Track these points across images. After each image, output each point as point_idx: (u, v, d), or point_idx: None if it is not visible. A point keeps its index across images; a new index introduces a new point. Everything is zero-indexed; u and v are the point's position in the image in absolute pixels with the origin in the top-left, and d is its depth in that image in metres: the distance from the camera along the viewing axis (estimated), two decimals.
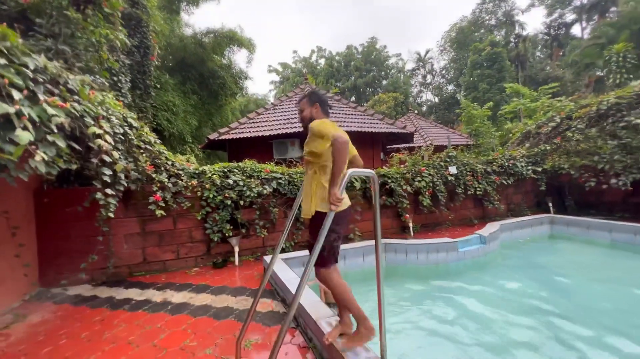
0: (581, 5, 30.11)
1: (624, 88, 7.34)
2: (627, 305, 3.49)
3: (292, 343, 2.50)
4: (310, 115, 2.16)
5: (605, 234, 5.60)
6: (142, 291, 3.75)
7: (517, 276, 4.51)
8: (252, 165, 5.10)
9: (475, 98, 26.12)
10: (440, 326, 3.13)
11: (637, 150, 6.23)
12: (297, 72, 35.85)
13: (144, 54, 8.57)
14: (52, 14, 4.27)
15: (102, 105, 3.31)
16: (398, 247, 4.72)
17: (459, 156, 6.92)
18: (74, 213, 3.91)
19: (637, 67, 14.20)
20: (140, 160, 4.05)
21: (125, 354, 2.40)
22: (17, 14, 4.24)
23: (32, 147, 1.92)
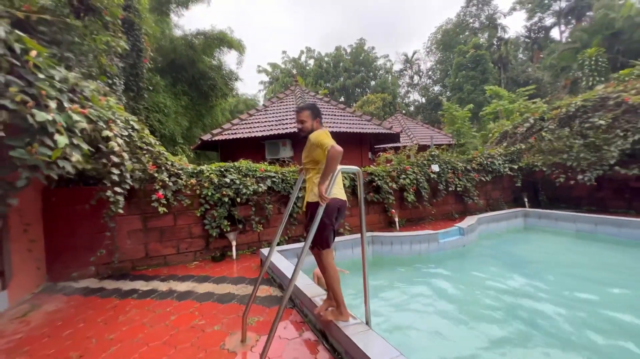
0: (559, 10, 31.48)
1: (590, 92, 7.98)
2: (583, 283, 3.99)
3: (289, 320, 2.86)
4: (311, 127, 2.49)
5: (571, 225, 6.17)
6: (147, 283, 4.02)
7: (491, 263, 4.98)
8: (248, 165, 5.42)
9: (460, 99, 26.99)
10: (419, 305, 3.55)
11: (601, 149, 6.83)
12: (286, 73, 36.04)
13: (136, 56, 8.72)
14: (53, 21, 4.48)
15: (109, 109, 3.57)
16: (384, 239, 5.12)
17: (441, 155, 7.39)
18: (80, 211, 4.16)
19: (608, 70, 15.11)
20: (142, 161, 4.31)
21: (142, 333, 2.70)
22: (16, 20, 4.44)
23: (67, 150, 2.21)
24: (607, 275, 4.25)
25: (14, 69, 1.99)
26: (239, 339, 2.51)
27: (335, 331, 2.24)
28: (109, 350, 2.43)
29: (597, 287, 3.86)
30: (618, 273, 4.27)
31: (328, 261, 2.38)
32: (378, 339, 2.02)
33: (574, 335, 2.87)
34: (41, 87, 2.04)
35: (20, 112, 1.94)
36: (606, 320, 3.09)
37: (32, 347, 2.54)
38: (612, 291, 3.74)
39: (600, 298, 3.54)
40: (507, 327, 3.08)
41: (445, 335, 2.95)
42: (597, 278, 4.13)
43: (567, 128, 7.68)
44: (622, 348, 2.65)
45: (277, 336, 2.56)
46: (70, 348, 2.49)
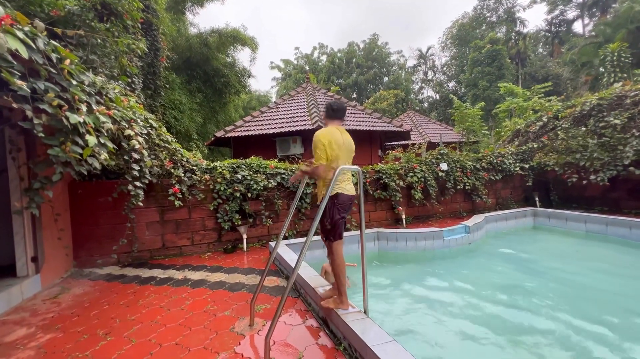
0: (583, 2, 30.21)
1: (606, 90, 7.78)
2: (589, 284, 4.02)
3: (294, 308, 3.06)
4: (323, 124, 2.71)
5: (581, 225, 6.12)
6: (164, 271, 4.31)
7: (496, 262, 5.04)
8: (258, 161, 5.64)
9: (475, 95, 26.47)
10: (418, 299, 3.68)
11: (615, 149, 6.70)
12: (298, 69, 36.18)
13: (154, 56, 9.06)
14: (78, 25, 4.78)
15: (130, 109, 3.84)
16: (389, 235, 5.26)
17: (450, 153, 7.41)
18: (103, 203, 4.49)
19: (631, 66, 14.54)
20: (160, 157, 4.59)
21: (160, 315, 2.96)
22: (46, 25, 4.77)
23: (96, 148, 2.46)
24: (614, 277, 4.25)
25: (51, 76, 2.23)
26: (247, 323, 2.72)
27: (335, 319, 2.42)
28: (131, 329, 2.70)
29: (603, 289, 3.88)
30: (626, 275, 4.26)
31: (337, 252, 2.55)
32: (374, 327, 2.19)
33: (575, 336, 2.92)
34: (74, 92, 2.29)
35: (56, 115, 2.19)
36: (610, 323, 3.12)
37: (64, 324, 2.84)
38: (618, 294, 3.75)
39: (606, 301, 3.56)
40: (505, 325, 3.17)
41: (441, 329, 3.08)
42: (604, 280, 4.14)
43: (582, 126, 7.54)
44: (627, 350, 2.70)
45: (282, 322, 2.76)
46: (98, 326, 2.77)
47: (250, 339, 2.48)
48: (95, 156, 2.65)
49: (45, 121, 2.15)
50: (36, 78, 2.12)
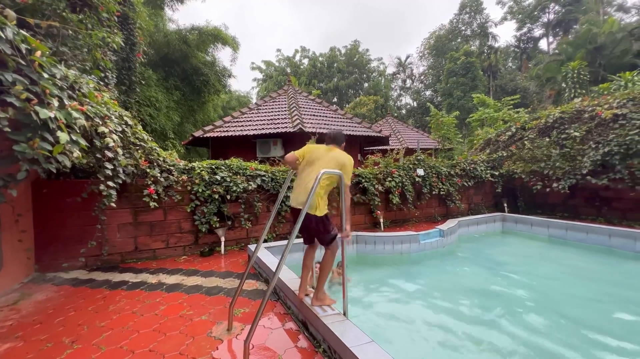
0: (548, 22, 32.51)
1: (567, 104, 8.42)
2: (549, 283, 4.30)
3: (274, 311, 3.04)
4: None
5: (544, 230, 6.54)
6: (136, 275, 4.13)
7: (468, 264, 5.27)
8: (238, 163, 5.56)
9: (450, 104, 27.61)
10: (396, 300, 3.78)
11: (575, 159, 7.25)
12: (280, 71, 36.07)
13: (129, 50, 8.72)
14: (48, 14, 4.53)
15: (105, 105, 3.68)
16: (367, 239, 5.35)
17: (427, 160, 7.68)
18: (71, 203, 4.24)
19: (589, 83, 15.79)
20: (135, 156, 4.41)
21: (132, 321, 2.84)
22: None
23: (68, 145, 2.33)
24: (573, 278, 4.58)
25: (20, 68, 2.10)
26: (225, 327, 2.68)
27: (315, 321, 2.44)
28: (100, 336, 2.57)
29: (563, 289, 4.17)
30: (582, 276, 4.61)
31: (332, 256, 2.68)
32: (353, 328, 2.23)
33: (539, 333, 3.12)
34: (45, 85, 2.17)
35: (24, 109, 2.07)
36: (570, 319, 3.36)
37: (25, 332, 2.65)
38: (575, 293, 4.05)
39: (565, 300, 3.83)
40: (478, 325, 3.33)
41: (418, 329, 3.19)
42: (564, 281, 4.45)
43: (547, 137, 8.08)
44: (583, 345, 2.92)
45: (261, 325, 2.74)
46: (63, 334, 2.61)
47: (229, 344, 2.44)
48: (66, 154, 2.52)
49: (12, 115, 2.03)
50: (3, 70, 1.99)
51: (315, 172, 2.49)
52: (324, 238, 2.61)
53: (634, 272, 4.68)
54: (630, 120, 6.50)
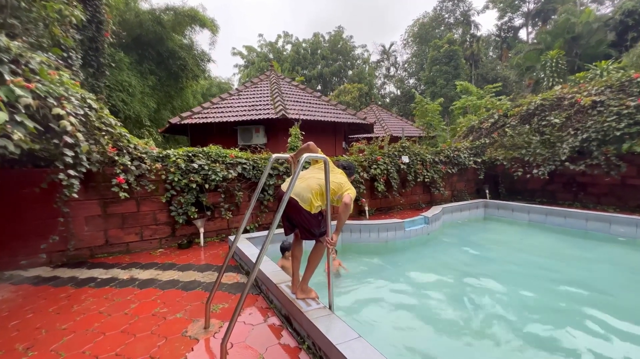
0: (528, 12, 32.96)
1: (548, 91, 8.52)
2: (529, 267, 4.36)
3: (255, 306, 2.87)
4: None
5: (524, 215, 6.67)
6: (107, 271, 3.84)
7: (453, 250, 5.29)
8: (217, 150, 5.25)
9: (433, 92, 27.75)
10: (382, 289, 3.70)
11: (554, 145, 7.37)
12: (262, 57, 34.95)
13: (96, 29, 8.02)
14: None
15: (61, 85, 3.29)
16: (353, 227, 5.24)
17: (411, 147, 7.61)
18: (29, 195, 3.84)
19: (566, 72, 16.17)
20: (101, 142, 4.04)
21: (98, 322, 2.59)
22: None
23: (8, 127, 2.01)
24: (551, 260, 4.67)
25: None
26: (202, 326, 2.49)
27: (298, 316, 2.29)
28: (60, 341, 2.32)
29: (543, 272, 4.24)
30: (561, 259, 4.70)
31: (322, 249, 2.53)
32: (339, 323, 2.09)
33: (521, 316, 3.14)
34: None
35: None
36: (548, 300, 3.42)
37: None
38: (555, 276, 4.12)
39: (546, 282, 3.89)
40: (462, 309, 3.31)
41: (404, 317, 3.12)
42: (544, 264, 4.53)
43: (527, 125, 8.18)
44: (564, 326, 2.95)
45: (242, 321, 2.57)
46: (17, 340, 2.34)
47: (205, 344, 2.26)
48: (9, 137, 2.19)
49: None
50: None
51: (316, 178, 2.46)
52: (310, 230, 2.43)
53: (609, 254, 4.82)
54: (608, 107, 6.63)
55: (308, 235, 2.47)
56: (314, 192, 2.36)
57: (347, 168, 2.79)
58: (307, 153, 2.36)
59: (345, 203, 2.32)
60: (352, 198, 2.37)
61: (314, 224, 2.41)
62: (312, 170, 2.65)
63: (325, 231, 2.42)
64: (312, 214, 2.38)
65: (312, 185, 2.40)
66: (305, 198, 2.35)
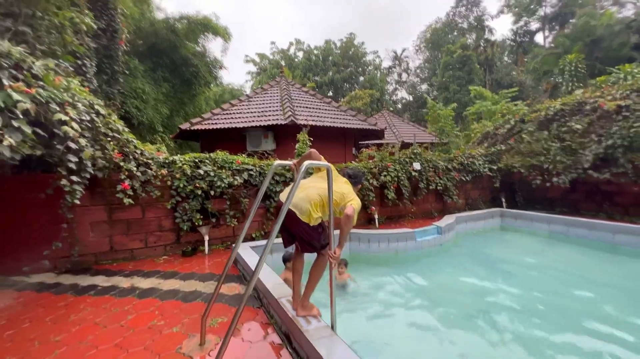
0: (544, 15, 32.21)
1: (569, 96, 8.15)
2: (552, 283, 4.05)
3: (255, 320, 2.72)
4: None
5: (545, 226, 6.30)
6: (109, 278, 3.78)
7: (467, 263, 5.01)
8: (224, 156, 5.19)
9: (446, 98, 27.30)
10: (391, 304, 3.49)
11: (576, 152, 6.99)
12: (274, 64, 35.37)
13: (111, 37, 8.23)
14: None
15: (67, 91, 3.28)
16: (361, 236, 5.05)
17: (423, 153, 7.38)
18: (36, 200, 3.85)
19: (586, 76, 15.57)
20: (107, 148, 4.03)
21: (93, 334, 2.50)
22: None
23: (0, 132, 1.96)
24: (576, 277, 4.34)
25: None
26: (197, 342, 2.35)
27: (298, 336, 2.13)
28: (52, 354, 2.23)
29: (566, 289, 3.93)
30: (587, 275, 4.37)
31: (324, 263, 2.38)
32: (341, 346, 1.92)
33: (540, 335, 2.88)
34: None
35: None
36: (572, 321, 3.13)
37: None
38: (579, 294, 3.80)
39: (567, 300, 3.59)
40: (479, 329, 3.06)
41: (416, 337, 2.91)
42: (567, 280, 4.21)
43: (546, 131, 7.82)
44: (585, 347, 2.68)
45: (240, 338, 2.42)
46: (9, 352, 2.27)
47: None
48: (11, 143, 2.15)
49: None
50: None
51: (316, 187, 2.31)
52: (310, 242, 2.28)
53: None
54: (634, 112, 6.23)
55: (308, 247, 2.32)
56: (312, 203, 2.21)
57: (353, 177, 2.61)
58: (308, 160, 2.22)
59: (347, 215, 2.15)
60: (356, 209, 2.21)
61: (314, 236, 2.26)
62: (314, 179, 2.50)
63: (328, 243, 2.26)
64: (311, 226, 2.23)
65: (311, 195, 2.25)
66: (304, 210, 2.20)
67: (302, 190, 2.29)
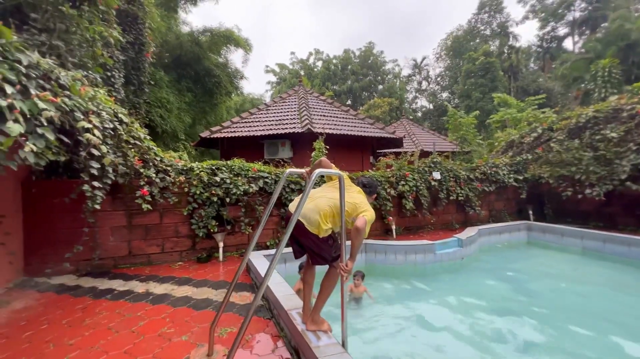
0: (573, 20, 30.95)
1: (602, 103, 7.67)
2: (584, 304, 3.71)
3: (265, 332, 2.65)
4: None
5: (577, 241, 5.86)
6: (125, 282, 3.85)
7: (490, 280, 4.72)
8: (240, 164, 5.24)
9: (468, 106, 26.61)
10: (406, 322, 3.31)
11: (612, 162, 6.52)
12: (293, 74, 36.02)
13: (138, 50, 8.65)
14: (48, 9, 4.37)
15: (93, 100, 3.42)
16: (378, 248, 4.90)
17: (444, 162, 7.14)
18: (61, 204, 3.99)
19: (621, 82, 14.69)
20: (129, 155, 4.16)
21: (105, 339, 2.51)
22: (12, 8, 4.34)
23: (22, 139, 2.05)
24: (613, 298, 3.97)
25: None
26: (205, 352, 2.30)
27: (307, 352, 2.03)
28: (64, 357, 2.25)
29: (599, 312, 3.59)
30: (625, 296, 3.98)
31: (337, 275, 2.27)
32: None
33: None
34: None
35: None
36: (608, 348, 2.83)
37: None
38: (617, 317, 3.46)
39: (604, 324, 3.26)
40: (498, 352, 2.83)
41: (429, 357, 2.72)
42: (603, 302, 3.85)
43: (577, 139, 7.37)
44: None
45: (248, 350, 2.36)
46: (25, 353, 2.31)
47: None
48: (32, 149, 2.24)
49: None
50: None
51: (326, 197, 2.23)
52: (320, 255, 2.20)
53: None
54: None
55: (319, 259, 2.24)
56: (322, 214, 2.13)
57: (367, 186, 2.49)
58: (319, 169, 2.16)
59: (357, 228, 2.01)
60: (369, 220, 2.09)
61: (323, 248, 2.18)
62: (324, 189, 2.42)
63: (339, 255, 2.17)
64: (321, 238, 2.14)
65: (321, 205, 2.17)
66: (313, 221, 2.12)
67: (311, 200, 2.22)
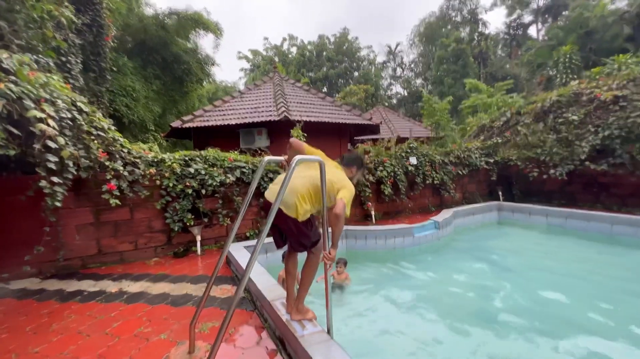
0: (537, 8, 32.17)
1: (564, 87, 8.08)
2: (552, 275, 3.99)
3: (248, 324, 2.60)
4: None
5: (542, 219, 6.25)
6: (96, 283, 3.64)
7: (466, 258, 4.92)
8: (215, 154, 5.04)
9: (441, 92, 27.24)
10: (389, 303, 3.39)
11: (572, 144, 6.93)
12: (267, 60, 34.98)
13: (97, 33, 7.96)
14: None
15: (45, 87, 3.11)
16: (358, 233, 4.95)
17: (419, 147, 7.27)
18: (17, 202, 3.66)
19: (580, 67, 15.56)
20: (91, 147, 3.85)
21: (75, 344, 2.36)
22: None
23: None
24: (575, 269, 4.28)
25: None
26: (186, 350, 2.22)
27: (293, 341, 2.01)
28: None
29: (565, 281, 3.86)
30: (587, 266, 4.31)
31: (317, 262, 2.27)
32: (337, 351, 1.81)
33: (541, 330, 2.80)
34: None
35: None
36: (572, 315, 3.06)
37: None
38: (583, 285, 3.74)
39: (568, 293, 3.51)
40: (479, 326, 2.98)
41: (416, 337, 2.80)
42: (566, 272, 4.15)
43: (542, 123, 7.75)
44: (585, 343, 2.61)
45: (232, 344, 2.30)
46: None
47: None
48: None
49: None
50: None
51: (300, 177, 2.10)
52: (299, 241, 2.15)
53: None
54: (631, 102, 6.18)
55: (297, 246, 2.19)
56: (299, 195, 2.03)
57: (344, 159, 2.40)
58: (295, 153, 2.08)
59: (336, 214, 1.91)
60: (348, 200, 1.98)
61: (303, 232, 2.11)
62: (299, 169, 2.31)
63: (318, 240, 2.13)
64: (300, 222, 2.07)
65: (297, 186, 2.05)
66: (290, 204, 2.02)
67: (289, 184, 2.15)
